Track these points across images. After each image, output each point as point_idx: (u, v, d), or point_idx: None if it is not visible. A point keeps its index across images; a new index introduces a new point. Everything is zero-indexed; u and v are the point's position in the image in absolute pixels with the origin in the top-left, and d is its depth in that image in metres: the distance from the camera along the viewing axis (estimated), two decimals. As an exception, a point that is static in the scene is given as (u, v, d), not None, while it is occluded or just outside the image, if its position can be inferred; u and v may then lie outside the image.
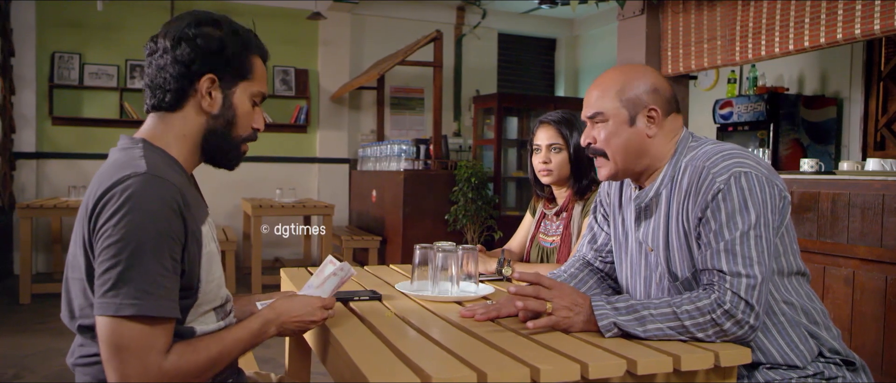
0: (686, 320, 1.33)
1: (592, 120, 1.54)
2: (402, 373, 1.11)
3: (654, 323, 1.33)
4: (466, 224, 5.62)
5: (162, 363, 1.11)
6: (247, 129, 1.34)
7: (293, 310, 1.32)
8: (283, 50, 6.73)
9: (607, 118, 1.52)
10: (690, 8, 3.94)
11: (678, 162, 1.51)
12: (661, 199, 1.52)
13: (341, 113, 7.00)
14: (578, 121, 2.13)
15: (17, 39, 5.84)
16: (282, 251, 6.69)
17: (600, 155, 1.55)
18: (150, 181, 1.14)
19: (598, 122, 1.53)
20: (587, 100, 1.56)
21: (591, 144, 1.56)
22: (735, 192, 1.37)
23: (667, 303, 1.35)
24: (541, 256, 2.18)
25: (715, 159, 1.42)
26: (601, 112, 1.52)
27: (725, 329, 1.32)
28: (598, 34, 7.62)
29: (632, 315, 1.35)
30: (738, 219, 1.36)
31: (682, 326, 1.33)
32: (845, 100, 5.09)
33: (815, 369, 1.48)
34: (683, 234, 1.46)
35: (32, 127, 5.98)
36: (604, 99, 1.52)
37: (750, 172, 1.38)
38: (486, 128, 6.90)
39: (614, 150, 1.53)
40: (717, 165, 1.41)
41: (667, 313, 1.34)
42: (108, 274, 1.10)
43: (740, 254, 1.35)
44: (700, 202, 1.40)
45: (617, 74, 1.55)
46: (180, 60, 1.24)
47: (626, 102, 1.51)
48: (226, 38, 1.27)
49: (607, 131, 1.52)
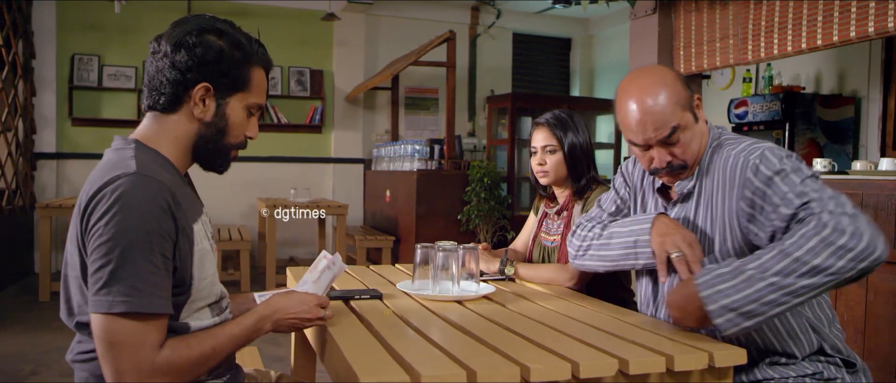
0: (796, 251, 1.26)
1: (669, 138, 1.47)
2: (394, 372, 1.12)
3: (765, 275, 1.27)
4: (479, 224, 5.62)
5: (154, 358, 1.14)
6: (239, 138, 1.35)
7: (289, 307, 1.34)
8: (297, 51, 6.78)
9: (685, 128, 1.48)
10: (703, 7, 3.91)
11: (713, 154, 1.52)
12: (696, 186, 1.53)
13: (356, 113, 7.04)
14: (573, 120, 2.13)
15: (38, 42, 5.95)
16: (296, 250, 6.74)
17: (680, 169, 1.51)
18: (140, 181, 1.16)
19: (675, 136, 1.47)
20: (653, 121, 1.46)
21: (671, 162, 1.49)
22: (774, 159, 1.39)
23: (769, 249, 1.31)
24: (542, 255, 2.18)
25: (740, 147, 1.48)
26: (679, 125, 1.46)
27: (843, 245, 1.25)
28: (612, 34, 7.58)
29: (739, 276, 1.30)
30: (792, 174, 1.37)
31: (794, 260, 1.26)
32: (863, 99, 5.02)
33: (814, 368, 1.47)
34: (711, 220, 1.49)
35: (53, 128, 6.08)
36: (673, 111, 1.46)
37: (776, 146, 1.45)
38: (500, 128, 6.90)
39: (694, 156, 1.52)
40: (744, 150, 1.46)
41: (774, 256, 1.29)
42: (100, 272, 1.12)
43: (812, 189, 1.35)
44: (740, 187, 1.42)
45: (658, 84, 1.48)
46: (177, 66, 1.25)
47: (685, 105, 1.49)
48: (226, 49, 1.27)
49: (685, 141, 1.48)
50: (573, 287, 1.96)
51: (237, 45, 1.30)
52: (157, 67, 1.27)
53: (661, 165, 1.50)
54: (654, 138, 1.47)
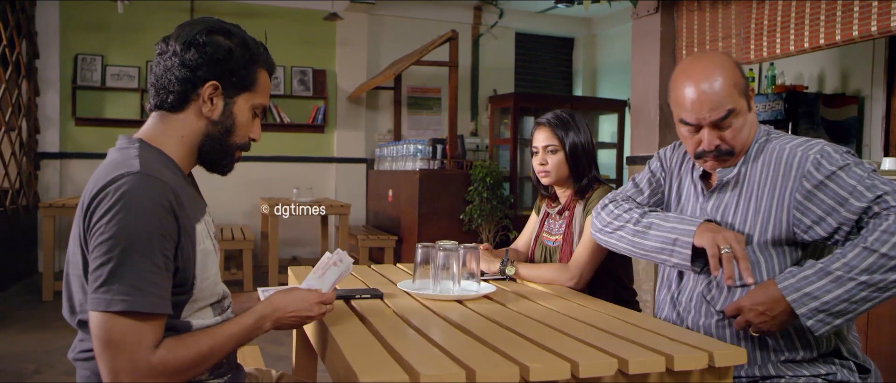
0: (882, 247, 1.30)
1: (723, 121, 1.47)
2: (394, 372, 1.12)
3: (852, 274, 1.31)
4: (482, 223, 5.63)
5: (150, 358, 1.14)
6: (243, 138, 1.37)
7: (289, 306, 1.34)
8: (300, 50, 6.79)
9: (739, 113, 1.47)
10: (705, 6, 3.90)
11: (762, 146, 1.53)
12: (738, 176, 1.53)
13: (359, 113, 7.05)
14: (574, 120, 2.12)
15: (42, 42, 5.97)
16: (299, 250, 6.74)
17: (726, 154, 1.50)
18: (143, 180, 1.16)
19: (728, 120, 1.47)
20: (709, 102, 1.46)
21: (719, 147, 1.49)
22: (835, 154, 1.41)
23: (852, 247, 1.34)
24: (544, 255, 2.18)
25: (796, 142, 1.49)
26: (733, 109, 1.46)
27: None
28: (616, 33, 7.57)
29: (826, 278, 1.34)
30: (856, 168, 1.39)
31: (881, 256, 1.30)
32: (867, 98, 5.01)
33: (828, 369, 1.47)
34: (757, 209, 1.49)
35: (56, 127, 6.10)
36: (731, 94, 1.47)
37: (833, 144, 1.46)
38: (502, 128, 6.90)
39: (742, 143, 1.51)
40: (801, 145, 1.47)
41: (859, 253, 1.32)
42: (100, 270, 1.13)
43: (881, 182, 1.37)
44: (797, 179, 1.43)
45: (722, 65, 1.48)
46: (187, 65, 1.27)
47: (744, 90, 1.50)
48: (235, 49, 1.30)
49: (736, 127, 1.48)
50: (574, 287, 1.96)
51: (245, 46, 1.32)
52: (165, 67, 1.28)
53: (709, 148, 1.49)
54: (708, 119, 1.47)
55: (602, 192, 2.06)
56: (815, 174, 1.41)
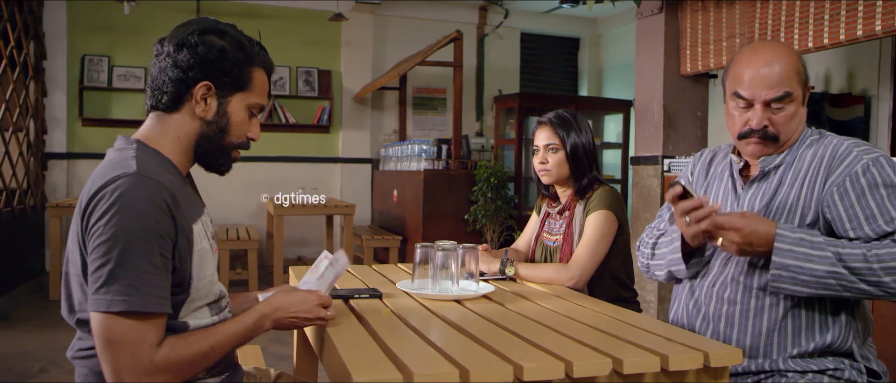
0: (875, 263, 1.33)
1: (777, 102, 1.46)
2: (388, 371, 1.12)
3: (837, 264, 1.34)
4: (486, 224, 5.63)
5: (152, 356, 1.15)
6: (240, 138, 1.37)
7: (290, 306, 1.34)
8: (305, 51, 6.81)
9: (794, 99, 1.47)
10: (709, 6, 3.89)
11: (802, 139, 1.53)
12: (780, 169, 1.52)
13: (364, 113, 7.06)
14: (576, 119, 2.13)
15: (49, 43, 6.01)
16: (304, 250, 6.76)
17: (771, 139, 1.49)
18: (140, 181, 1.18)
19: (781, 104, 1.47)
20: (769, 79, 1.46)
21: (767, 128, 1.48)
22: (889, 169, 1.41)
23: (856, 246, 1.36)
24: (544, 255, 2.19)
25: (854, 141, 1.48)
26: (790, 92, 1.46)
27: None
28: (621, 33, 7.56)
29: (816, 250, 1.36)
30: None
31: (869, 267, 1.33)
32: (873, 98, 4.98)
33: (835, 365, 1.48)
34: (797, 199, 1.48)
35: (63, 128, 6.14)
36: (791, 79, 1.46)
37: (892, 158, 1.45)
38: (507, 128, 6.89)
39: (788, 133, 1.51)
40: (860, 146, 1.46)
41: (857, 255, 1.35)
42: (99, 271, 1.14)
43: None
44: (842, 174, 1.42)
45: (788, 51, 1.49)
46: (179, 65, 1.28)
47: (803, 82, 1.49)
48: (228, 48, 1.30)
49: (788, 113, 1.47)
50: (574, 287, 1.96)
51: (239, 46, 1.32)
52: (159, 68, 1.30)
53: (758, 126, 1.48)
54: (763, 97, 1.46)
55: (602, 193, 2.06)
56: (860, 177, 1.41)
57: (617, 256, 2.07)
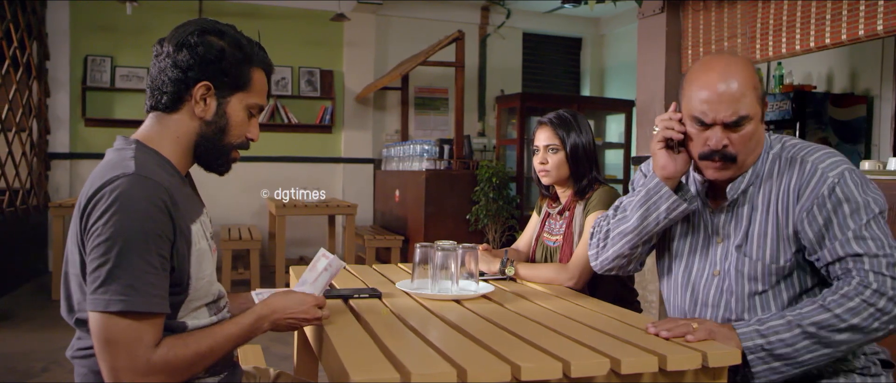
0: (836, 309, 1.32)
1: (738, 124, 1.42)
2: (385, 371, 1.12)
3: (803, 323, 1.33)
4: (488, 224, 5.63)
5: (150, 356, 1.15)
6: (240, 138, 1.38)
7: (288, 308, 1.35)
8: (307, 51, 6.82)
9: (753, 119, 1.43)
10: (711, 6, 3.89)
11: (765, 155, 1.50)
12: (748, 193, 1.50)
13: (366, 113, 7.06)
14: (576, 120, 2.12)
15: (52, 44, 6.02)
16: (306, 250, 6.77)
17: (730, 159, 1.46)
18: (138, 181, 1.18)
19: (742, 124, 1.43)
20: (726, 101, 1.41)
21: (727, 147, 1.44)
22: (852, 186, 1.39)
23: (809, 302, 1.36)
24: (545, 256, 2.19)
25: (818, 156, 1.45)
26: (748, 116, 1.42)
27: (881, 308, 1.31)
28: (623, 33, 7.55)
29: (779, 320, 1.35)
30: (862, 210, 1.38)
31: (833, 316, 1.32)
32: (876, 98, 4.97)
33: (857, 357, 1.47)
34: (775, 226, 1.46)
35: (66, 128, 6.16)
36: (748, 99, 1.42)
37: (855, 170, 1.43)
38: (509, 128, 6.89)
39: (747, 153, 1.47)
40: (823, 161, 1.43)
41: (814, 309, 1.34)
42: (97, 271, 1.14)
43: (871, 237, 1.36)
44: (810, 198, 1.41)
45: (745, 69, 1.44)
46: (179, 65, 1.28)
47: (761, 98, 1.46)
48: (227, 49, 1.30)
49: (745, 134, 1.43)
50: (574, 287, 1.96)
51: (238, 46, 1.32)
52: (159, 68, 1.30)
53: (716, 146, 1.44)
54: (723, 119, 1.42)
55: (602, 193, 2.06)
56: (826, 200, 1.40)
57: (617, 256, 2.07)
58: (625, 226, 1.60)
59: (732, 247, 1.52)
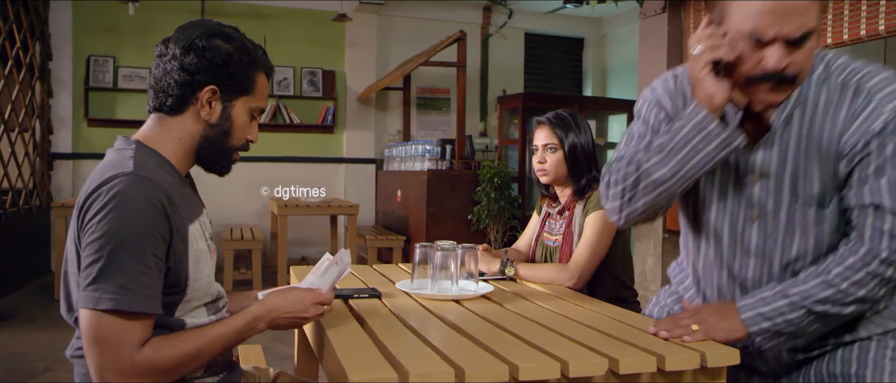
0: (841, 283, 1.26)
1: (802, 40, 1.21)
2: (384, 371, 1.12)
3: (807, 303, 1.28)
4: (489, 224, 5.63)
5: (134, 356, 1.15)
6: (241, 140, 1.38)
7: (284, 307, 1.34)
8: (309, 51, 6.83)
9: (816, 34, 1.23)
10: (712, 6, 3.89)
11: (819, 78, 1.30)
12: (793, 121, 1.31)
13: (368, 113, 7.07)
14: (575, 119, 2.13)
15: (55, 44, 6.04)
16: (308, 250, 6.77)
17: (789, 81, 1.25)
18: (136, 181, 1.18)
19: (804, 41, 1.21)
20: (792, 12, 1.19)
21: (785, 70, 1.23)
22: None
23: (813, 275, 1.29)
24: (545, 255, 2.19)
25: (875, 83, 1.24)
26: (812, 30, 1.21)
27: (889, 277, 1.24)
28: (625, 33, 7.54)
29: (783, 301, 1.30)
30: None
31: (838, 291, 1.26)
32: (878, 98, 4.96)
33: None
34: (818, 162, 1.29)
35: (69, 128, 6.18)
36: (814, 10, 1.21)
37: None
38: (511, 128, 6.89)
39: (806, 72, 1.27)
40: (882, 89, 1.24)
41: (818, 284, 1.28)
42: (90, 268, 1.14)
43: None
44: (858, 132, 1.24)
45: None
46: (186, 68, 1.28)
47: (821, 13, 1.24)
48: (234, 53, 1.31)
49: (808, 49, 1.23)
50: (573, 287, 1.96)
51: (244, 50, 1.33)
52: (164, 70, 1.30)
53: (777, 67, 1.21)
54: (788, 34, 1.20)
55: (602, 193, 2.06)
56: (874, 138, 1.23)
57: (617, 256, 2.07)
58: (662, 172, 1.33)
59: (773, 185, 1.34)
